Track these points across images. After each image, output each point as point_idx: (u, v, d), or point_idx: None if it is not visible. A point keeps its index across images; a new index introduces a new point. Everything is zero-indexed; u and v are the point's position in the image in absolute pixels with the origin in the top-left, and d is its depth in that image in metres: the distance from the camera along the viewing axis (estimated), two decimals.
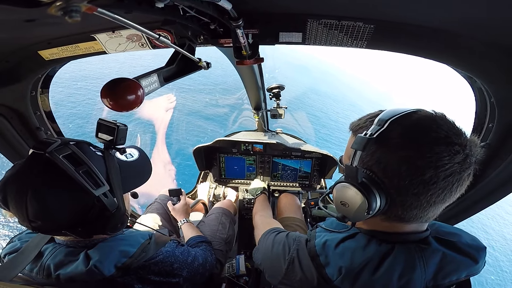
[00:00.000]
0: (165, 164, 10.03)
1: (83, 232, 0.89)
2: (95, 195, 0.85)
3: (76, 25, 1.02)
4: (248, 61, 1.13)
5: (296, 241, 0.98)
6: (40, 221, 0.81)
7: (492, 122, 1.14)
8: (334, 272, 0.82)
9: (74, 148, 0.87)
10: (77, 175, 0.82)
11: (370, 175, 0.73)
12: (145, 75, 0.83)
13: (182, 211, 1.90)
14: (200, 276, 1.27)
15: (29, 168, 0.82)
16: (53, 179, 0.82)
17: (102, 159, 0.95)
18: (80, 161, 0.86)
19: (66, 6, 0.36)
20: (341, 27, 0.99)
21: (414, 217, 0.75)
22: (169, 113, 12.07)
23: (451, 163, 0.66)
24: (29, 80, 1.36)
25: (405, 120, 0.72)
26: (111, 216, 0.91)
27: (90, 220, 0.88)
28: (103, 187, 0.88)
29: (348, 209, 0.77)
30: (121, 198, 0.97)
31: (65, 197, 0.83)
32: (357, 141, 0.73)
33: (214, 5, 0.78)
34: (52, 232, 0.91)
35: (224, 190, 2.98)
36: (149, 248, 1.04)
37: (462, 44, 0.92)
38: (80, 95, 14.69)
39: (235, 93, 18.26)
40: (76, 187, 0.83)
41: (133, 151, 1.14)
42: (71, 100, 14.05)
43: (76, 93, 14.80)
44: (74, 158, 0.85)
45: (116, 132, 0.98)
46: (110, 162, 0.97)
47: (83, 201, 0.86)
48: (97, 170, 0.88)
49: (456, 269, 0.78)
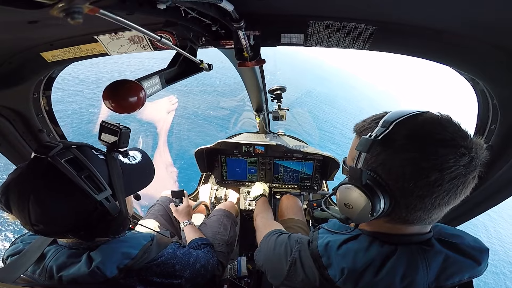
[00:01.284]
0: (167, 166, 10.03)
1: (85, 235, 0.89)
2: (97, 200, 0.85)
3: (78, 26, 1.02)
4: (250, 63, 1.14)
5: (298, 242, 0.98)
6: (42, 225, 0.81)
7: (494, 124, 1.13)
8: (337, 273, 0.81)
9: (76, 152, 0.87)
10: (79, 180, 0.82)
11: (374, 177, 0.73)
12: (147, 77, 0.83)
13: (185, 213, 1.90)
14: (202, 277, 1.27)
15: (31, 172, 0.82)
16: (55, 183, 0.82)
17: (104, 163, 0.95)
18: (82, 165, 0.86)
19: (69, 8, 0.36)
20: (342, 28, 0.99)
21: (418, 219, 0.74)
22: (171, 115, 12.10)
23: (456, 166, 0.65)
24: (32, 82, 1.37)
25: (410, 122, 0.72)
26: (113, 220, 0.91)
27: (92, 224, 0.88)
28: (105, 191, 0.88)
29: (351, 211, 0.77)
30: (123, 202, 0.96)
31: (67, 201, 0.83)
32: (361, 143, 0.73)
33: (216, 6, 0.78)
34: (54, 235, 0.91)
35: (226, 191, 2.98)
36: (151, 249, 1.04)
37: (464, 45, 0.92)
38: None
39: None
40: (78, 192, 0.83)
41: (136, 153, 1.13)
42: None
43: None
44: (76, 163, 0.85)
45: (119, 135, 0.99)
46: (112, 165, 0.97)
47: (85, 206, 0.86)
48: (99, 174, 0.88)
49: (458, 271, 0.78)
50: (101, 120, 1.03)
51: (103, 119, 1.04)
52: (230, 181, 2.65)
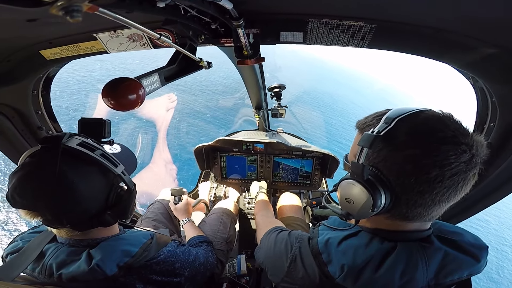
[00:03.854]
0: (166, 163, 10.03)
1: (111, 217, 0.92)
2: (116, 173, 0.92)
3: (77, 24, 1.02)
4: (249, 61, 1.14)
5: (298, 239, 0.99)
6: (75, 212, 0.84)
7: (493, 121, 1.14)
8: (337, 270, 0.82)
9: (81, 138, 0.91)
10: (98, 158, 0.88)
11: (376, 173, 0.73)
12: (146, 74, 0.84)
13: (184, 211, 1.90)
14: (201, 275, 1.27)
15: (48, 163, 0.81)
16: (76, 165, 0.85)
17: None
18: (93, 146, 0.90)
19: (68, 6, 0.36)
20: (342, 26, 0.99)
21: (418, 216, 0.75)
22: (170, 113, 12.07)
23: (457, 162, 0.66)
24: (31, 80, 1.36)
25: (412, 119, 0.73)
26: (128, 197, 0.97)
27: (113, 204, 0.93)
28: (120, 165, 0.96)
29: (353, 206, 0.77)
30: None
31: (92, 180, 0.88)
32: (364, 138, 0.73)
33: (215, 4, 0.78)
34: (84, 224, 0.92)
35: (225, 189, 2.98)
36: (151, 248, 1.04)
37: (463, 43, 0.92)
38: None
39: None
40: (98, 169, 0.89)
41: (115, 145, 1.20)
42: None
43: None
44: (86, 146, 0.88)
45: (104, 126, 1.06)
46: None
47: (106, 181, 0.92)
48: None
49: (458, 268, 0.78)
50: (80, 117, 1.08)
51: (82, 116, 1.10)
52: (230, 179, 2.66)
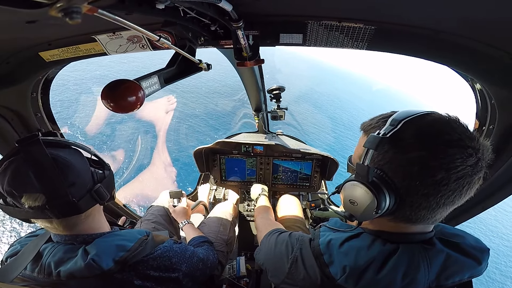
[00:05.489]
0: (165, 166, 10.03)
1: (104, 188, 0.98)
2: (92, 153, 1.04)
3: (76, 26, 1.02)
4: (249, 63, 1.14)
5: (299, 240, 0.98)
6: (76, 185, 0.88)
7: (492, 124, 1.14)
8: (338, 271, 0.81)
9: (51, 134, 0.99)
10: (74, 142, 0.98)
11: (380, 175, 0.73)
12: (145, 76, 0.83)
13: (183, 213, 1.90)
14: (200, 272, 1.26)
15: (37, 151, 0.84)
16: (59, 149, 0.91)
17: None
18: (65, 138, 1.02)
19: (67, 8, 0.36)
20: (341, 28, 0.99)
21: (421, 218, 0.75)
22: (169, 115, 12.08)
23: (463, 166, 0.66)
24: (30, 82, 1.36)
25: (418, 121, 0.73)
26: (109, 172, 1.05)
27: (98, 179, 0.98)
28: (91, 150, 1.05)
29: (356, 208, 0.77)
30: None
31: (77, 157, 0.94)
32: (369, 140, 0.73)
33: (215, 6, 0.78)
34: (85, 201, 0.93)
35: (225, 192, 2.97)
36: (147, 244, 1.05)
37: (462, 45, 0.92)
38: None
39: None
40: (75, 150, 0.97)
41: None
42: None
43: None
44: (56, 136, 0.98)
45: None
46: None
47: (86, 159, 0.99)
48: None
49: (459, 270, 0.78)
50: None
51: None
52: (229, 181, 2.65)
